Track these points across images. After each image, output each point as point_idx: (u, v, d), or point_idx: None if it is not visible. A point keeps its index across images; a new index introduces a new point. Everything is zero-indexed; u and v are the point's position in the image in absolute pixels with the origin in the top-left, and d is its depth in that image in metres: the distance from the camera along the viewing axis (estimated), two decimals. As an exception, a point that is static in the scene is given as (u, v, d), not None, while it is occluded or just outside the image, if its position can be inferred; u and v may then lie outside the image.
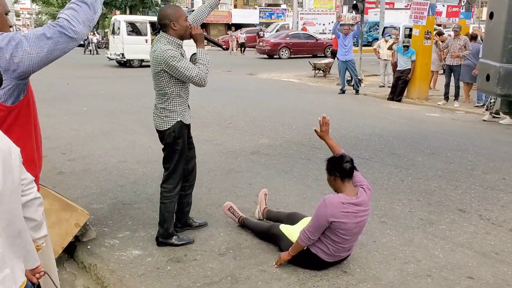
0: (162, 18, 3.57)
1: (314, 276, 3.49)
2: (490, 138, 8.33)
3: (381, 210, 4.80)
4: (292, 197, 5.10)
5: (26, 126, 1.90)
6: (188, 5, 46.80)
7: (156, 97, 3.70)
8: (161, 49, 3.48)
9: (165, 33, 3.59)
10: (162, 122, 3.69)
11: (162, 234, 3.90)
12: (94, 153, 6.66)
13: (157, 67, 3.52)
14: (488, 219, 4.66)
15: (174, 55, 3.46)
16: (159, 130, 3.74)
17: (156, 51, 3.51)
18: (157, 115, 3.71)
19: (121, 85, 13.04)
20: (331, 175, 3.50)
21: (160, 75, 3.54)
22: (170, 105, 3.65)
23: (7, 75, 1.74)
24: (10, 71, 1.73)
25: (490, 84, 1.96)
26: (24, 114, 1.87)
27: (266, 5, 50.20)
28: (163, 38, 3.59)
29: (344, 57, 13.07)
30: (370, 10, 32.76)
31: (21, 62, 1.74)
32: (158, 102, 3.69)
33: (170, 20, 3.54)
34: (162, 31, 3.62)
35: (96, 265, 3.62)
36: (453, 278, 3.53)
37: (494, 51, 1.96)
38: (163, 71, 3.51)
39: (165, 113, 3.66)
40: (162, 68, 3.49)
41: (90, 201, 4.85)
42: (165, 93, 3.61)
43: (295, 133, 8.18)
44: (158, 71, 3.52)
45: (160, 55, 3.47)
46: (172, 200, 3.86)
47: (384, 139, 7.93)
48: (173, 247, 3.87)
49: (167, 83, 3.56)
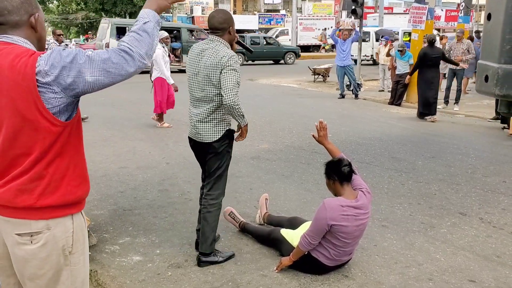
0: (222, 22, 3.40)
1: (315, 280, 3.48)
2: (490, 141, 8.33)
3: (382, 214, 4.79)
4: (293, 202, 5.09)
5: (78, 143, 1.94)
6: (187, 11, 46.96)
7: (200, 105, 3.48)
8: (228, 54, 3.32)
9: (220, 38, 3.42)
10: (211, 133, 3.48)
11: (205, 249, 3.65)
12: (95, 159, 6.65)
13: (215, 71, 3.34)
14: (489, 222, 4.65)
15: (238, 62, 3.36)
16: (206, 142, 3.51)
17: (218, 54, 3.33)
18: (203, 125, 3.48)
19: (120, 91, 13.04)
20: (330, 179, 3.51)
21: (214, 80, 3.35)
22: (220, 113, 3.46)
23: (65, 93, 1.76)
24: (68, 90, 1.76)
25: (489, 85, 1.97)
26: (76, 131, 1.91)
27: (265, 11, 50.35)
28: (219, 42, 3.41)
29: (342, 62, 13.10)
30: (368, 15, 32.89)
31: (81, 84, 1.76)
32: (204, 111, 3.46)
33: (229, 25, 3.42)
34: (216, 34, 3.44)
35: (96, 271, 3.61)
36: (455, 281, 3.52)
37: (492, 52, 1.97)
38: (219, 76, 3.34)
39: (215, 122, 3.47)
40: (221, 72, 3.32)
41: (91, 207, 4.84)
42: (212, 100, 3.42)
43: (295, 138, 8.18)
44: (214, 75, 3.34)
45: (226, 59, 3.30)
46: (219, 207, 3.69)
47: (384, 143, 7.93)
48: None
49: (219, 89, 3.38)
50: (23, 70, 1.72)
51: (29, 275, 1.89)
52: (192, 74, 3.49)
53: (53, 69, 1.72)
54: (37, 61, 1.73)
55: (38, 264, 1.87)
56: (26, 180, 1.81)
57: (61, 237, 1.89)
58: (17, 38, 1.83)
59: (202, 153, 3.64)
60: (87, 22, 46.53)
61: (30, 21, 1.87)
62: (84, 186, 1.97)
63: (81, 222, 2.00)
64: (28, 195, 1.81)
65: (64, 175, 1.87)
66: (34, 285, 1.91)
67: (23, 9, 1.85)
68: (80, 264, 1.99)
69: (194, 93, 3.50)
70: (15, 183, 1.81)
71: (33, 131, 1.78)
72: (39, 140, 1.79)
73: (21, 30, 1.85)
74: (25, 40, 1.85)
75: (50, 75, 1.72)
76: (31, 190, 1.81)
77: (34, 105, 1.74)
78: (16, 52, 1.77)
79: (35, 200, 1.82)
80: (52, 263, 1.89)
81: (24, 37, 1.85)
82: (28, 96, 1.73)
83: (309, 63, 22.70)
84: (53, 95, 1.74)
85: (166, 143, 7.72)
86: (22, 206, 1.81)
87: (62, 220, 1.89)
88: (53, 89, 1.73)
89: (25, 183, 1.81)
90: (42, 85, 1.72)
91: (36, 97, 1.73)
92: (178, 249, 3.98)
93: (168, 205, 4.98)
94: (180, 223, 4.52)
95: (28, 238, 1.83)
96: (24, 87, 1.73)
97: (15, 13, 1.83)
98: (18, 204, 1.81)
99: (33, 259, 1.86)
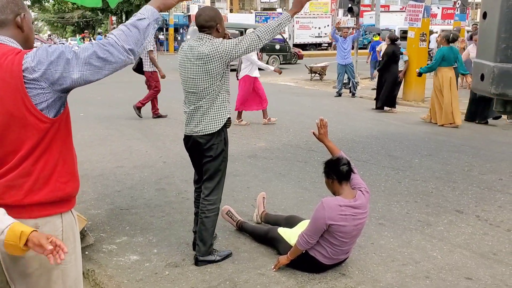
0: (208, 20, 3.39)
1: (312, 279, 3.49)
2: (487, 139, 8.35)
3: (379, 212, 4.80)
4: (290, 200, 5.10)
5: (66, 140, 1.93)
6: (184, 10, 46.88)
7: (194, 100, 3.47)
8: (215, 44, 3.30)
9: (208, 35, 3.40)
10: (210, 125, 3.45)
11: (203, 252, 3.66)
12: (91, 159, 6.64)
13: (210, 60, 3.32)
14: (485, 220, 4.66)
15: (231, 41, 3.33)
16: (208, 133, 3.46)
17: (207, 47, 3.31)
18: (200, 119, 3.46)
19: (117, 91, 13.04)
20: (329, 178, 3.51)
21: (211, 70, 3.35)
22: (215, 107, 3.45)
23: (52, 88, 1.77)
24: (56, 85, 1.77)
25: (485, 84, 1.97)
26: (65, 127, 1.91)
27: (262, 9, 50.32)
28: (208, 39, 3.38)
29: (344, 61, 13.10)
30: (365, 13, 32.90)
31: (69, 79, 1.78)
32: (198, 106, 3.45)
33: (216, 22, 3.41)
34: (204, 32, 3.43)
35: (94, 270, 3.61)
36: (452, 279, 3.53)
37: (488, 50, 1.97)
38: (216, 66, 3.33)
39: (211, 116, 3.45)
40: (219, 61, 3.31)
41: (87, 207, 4.84)
42: (206, 95, 3.42)
43: (292, 137, 8.18)
44: (210, 64, 3.33)
45: (218, 43, 3.30)
46: (217, 212, 3.67)
47: (380, 141, 7.94)
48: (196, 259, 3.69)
49: (212, 82, 3.38)
50: (10, 67, 1.74)
51: (18, 273, 1.89)
52: (184, 71, 3.48)
53: (40, 65, 1.74)
54: (23, 58, 1.75)
55: (27, 263, 1.86)
56: (14, 176, 1.81)
57: None
58: (3, 38, 1.85)
59: (198, 155, 3.59)
60: (84, 21, 46.42)
61: (16, 21, 1.88)
62: (73, 183, 1.96)
63: (71, 221, 1.98)
64: (16, 190, 1.82)
65: (53, 171, 1.87)
66: (24, 284, 1.90)
67: (9, 8, 1.87)
68: (72, 263, 1.98)
69: (188, 89, 3.49)
70: (3, 179, 1.81)
71: (21, 128, 1.78)
72: (28, 138, 1.79)
73: (7, 30, 1.87)
74: (11, 40, 1.86)
75: (37, 71, 1.73)
76: (19, 186, 1.81)
77: (21, 102, 1.75)
78: (2, 50, 1.78)
79: (23, 196, 1.82)
80: (41, 262, 1.87)
81: (10, 36, 1.87)
82: (15, 94, 1.74)
83: (306, 61, 22.69)
84: (41, 90, 1.76)
85: (163, 142, 7.71)
86: (10, 202, 1.81)
87: (51, 219, 1.89)
88: (40, 85, 1.75)
89: (13, 179, 1.81)
90: (29, 81, 1.74)
91: (24, 94, 1.74)
92: (175, 248, 3.98)
93: (165, 204, 4.97)
94: (177, 222, 4.51)
95: None
96: (11, 84, 1.74)
97: (1, 12, 1.85)
98: (6, 200, 1.81)
99: (22, 257, 1.84)
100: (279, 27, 3.36)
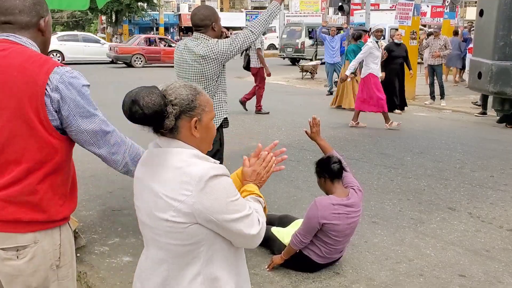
0: (203, 18, 3.38)
1: (306, 278, 3.48)
2: (478, 136, 8.40)
3: (372, 210, 4.81)
4: (283, 199, 5.09)
5: (71, 159, 2.01)
6: (174, 9, 46.70)
7: None
8: (210, 45, 3.31)
9: (203, 34, 3.39)
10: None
11: None
12: (82, 160, 6.55)
13: (205, 61, 3.33)
14: (478, 217, 4.69)
15: (226, 40, 3.34)
16: None
17: (202, 48, 3.33)
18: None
19: (110, 91, 12.94)
20: (321, 177, 3.50)
21: (205, 71, 3.36)
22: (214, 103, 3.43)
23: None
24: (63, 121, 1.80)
25: (482, 82, 1.95)
26: (70, 146, 1.97)
27: (253, 8, 50.24)
28: (204, 39, 3.38)
29: (332, 60, 13.12)
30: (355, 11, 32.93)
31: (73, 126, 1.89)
32: None
33: (211, 21, 3.39)
34: (199, 32, 3.41)
35: (86, 273, 3.57)
36: (445, 276, 3.54)
37: (485, 48, 1.95)
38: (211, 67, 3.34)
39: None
40: (215, 62, 3.32)
41: (79, 208, 4.78)
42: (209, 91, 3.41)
43: (284, 136, 8.17)
44: (204, 65, 3.34)
45: (214, 43, 3.31)
46: None
47: (372, 139, 7.96)
48: None
49: (208, 81, 3.37)
50: (36, 72, 1.67)
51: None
52: (180, 71, 3.47)
53: (64, 103, 1.75)
54: (52, 71, 1.70)
55: (26, 281, 1.76)
56: (16, 192, 1.70)
57: (49, 250, 1.78)
58: (26, 40, 1.77)
59: None
60: (73, 21, 46.07)
61: (40, 24, 1.81)
62: (71, 204, 1.91)
63: (68, 233, 1.90)
64: (16, 208, 1.70)
65: (56, 192, 1.79)
66: None
67: (35, 10, 1.80)
68: (69, 278, 1.90)
69: None
70: (4, 192, 1.70)
71: (29, 138, 1.70)
72: (33, 150, 1.71)
73: (29, 32, 1.80)
74: (32, 43, 1.79)
75: (58, 93, 1.71)
76: (21, 204, 1.71)
77: (36, 110, 1.68)
78: (29, 53, 1.71)
79: (23, 214, 1.72)
80: (40, 278, 1.77)
81: (31, 39, 1.80)
82: (32, 101, 1.67)
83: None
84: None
85: (154, 142, 7.65)
86: (9, 219, 1.70)
87: (50, 232, 1.80)
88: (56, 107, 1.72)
89: (15, 195, 1.70)
90: (48, 95, 1.68)
91: (40, 104, 1.68)
92: (168, 249, 3.94)
93: (157, 204, 4.93)
94: (170, 222, 4.48)
95: (14, 253, 1.72)
96: (32, 90, 1.67)
97: (26, 14, 1.78)
98: (5, 216, 1.70)
99: (20, 275, 1.74)
100: (270, 17, 3.40)
